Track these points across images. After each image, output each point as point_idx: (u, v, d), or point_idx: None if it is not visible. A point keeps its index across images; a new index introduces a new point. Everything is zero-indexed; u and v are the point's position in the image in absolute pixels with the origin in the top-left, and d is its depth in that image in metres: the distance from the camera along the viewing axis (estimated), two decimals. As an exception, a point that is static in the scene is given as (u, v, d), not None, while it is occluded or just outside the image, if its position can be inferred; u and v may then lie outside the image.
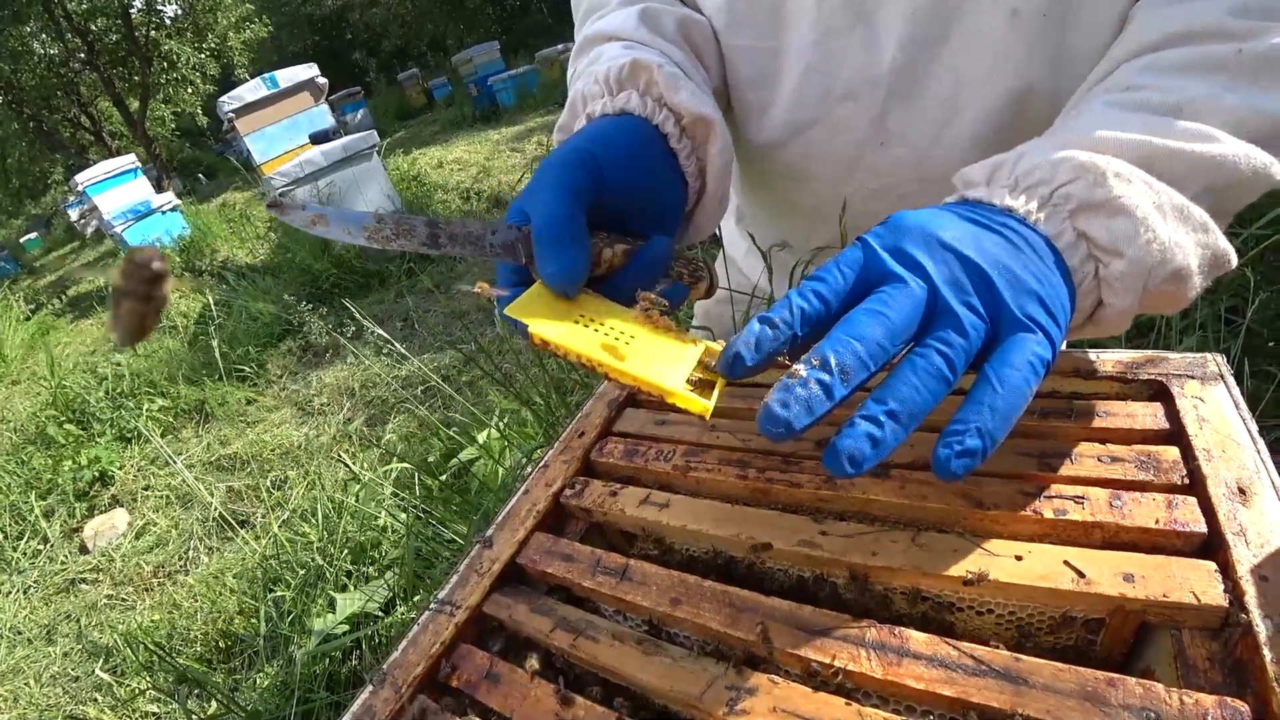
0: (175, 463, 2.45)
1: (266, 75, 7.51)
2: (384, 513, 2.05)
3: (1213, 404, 0.43)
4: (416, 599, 1.66)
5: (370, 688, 0.44)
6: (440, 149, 8.27)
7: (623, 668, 0.40)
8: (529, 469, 1.54)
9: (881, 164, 0.60)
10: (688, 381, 0.38)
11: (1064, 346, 0.48)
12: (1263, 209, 1.44)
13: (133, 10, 12.04)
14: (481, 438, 1.98)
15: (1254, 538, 0.34)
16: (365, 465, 2.62)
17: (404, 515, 1.96)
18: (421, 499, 1.91)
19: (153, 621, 2.36)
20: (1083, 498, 0.38)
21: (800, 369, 0.32)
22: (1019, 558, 0.37)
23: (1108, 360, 0.48)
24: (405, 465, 2.06)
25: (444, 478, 2.11)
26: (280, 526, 2.36)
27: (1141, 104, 0.40)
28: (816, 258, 0.68)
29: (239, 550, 2.54)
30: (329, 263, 4.77)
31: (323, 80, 7.84)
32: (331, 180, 4.90)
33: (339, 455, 2.86)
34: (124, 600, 2.62)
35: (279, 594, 1.97)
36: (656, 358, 0.38)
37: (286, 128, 7.59)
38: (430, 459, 2.39)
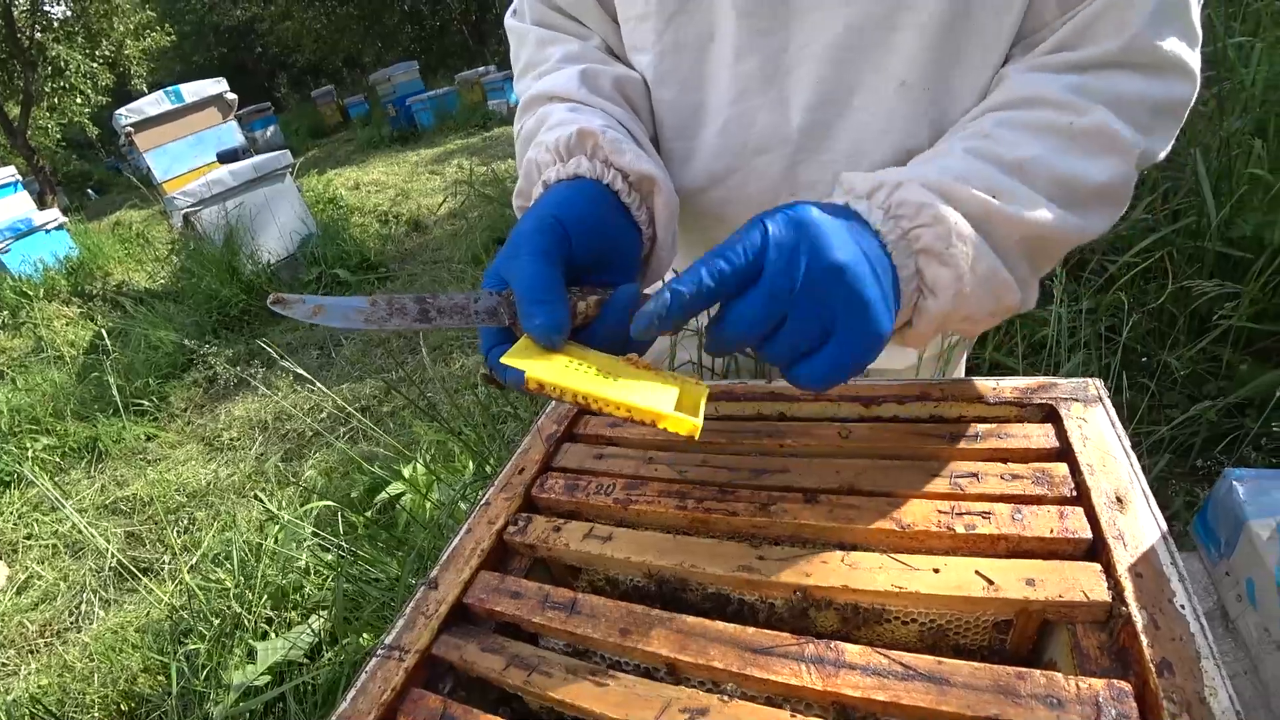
0: (64, 506, 2.23)
1: (170, 88, 7.08)
2: (306, 554, 1.95)
3: (1094, 423, 0.48)
4: (345, 643, 1.58)
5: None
6: (357, 170, 8.04)
7: (578, 700, 0.41)
8: (462, 504, 1.52)
9: None
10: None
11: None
12: (1131, 240, 1.61)
13: (15, 9, 11.06)
14: (407, 472, 1.92)
15: (1130, 540, 0.40)
16: (283, 504, 2.48)
17: (328, 555, 1.87)
18: (346, 537, 1.83)
19: (40, 687, 2.13)
20: (989, 513, 0.43)
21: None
22: (936, 570, 0.40)
23: (1006, 387, 0.53)
24: (327, 503, 1.97)
25: (369, 514, 2.03)
26: (190, 573, 2.20)
27: (993, 156, 0.48)
28: None
29: (141, 601, 2.35)
30: (238, 288, 4.51)
31: (231, 95, 7.48)
32: (241, 201, 4.66)
33: (254, 494, 2.70)
34: (4, 665, 2.37)
35: (191, 646, 1.83)
36: (643, 388, 0.42)
37: (191, 144, 7.19)
38: (354, 494, 2.29)
